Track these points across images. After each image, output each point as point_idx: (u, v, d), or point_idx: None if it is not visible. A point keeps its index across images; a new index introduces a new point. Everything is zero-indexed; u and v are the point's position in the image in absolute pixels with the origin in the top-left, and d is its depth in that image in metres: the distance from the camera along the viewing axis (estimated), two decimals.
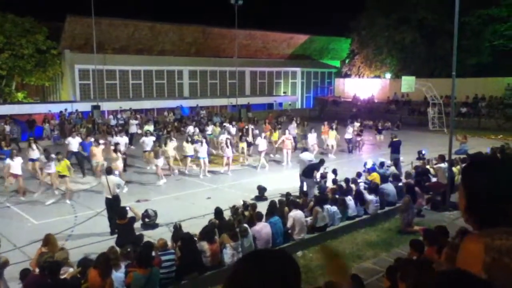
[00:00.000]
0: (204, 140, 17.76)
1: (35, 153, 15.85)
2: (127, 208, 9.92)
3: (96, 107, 29.21)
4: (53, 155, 14.29)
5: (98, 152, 15.81)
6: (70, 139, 17.60)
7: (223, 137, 18.69)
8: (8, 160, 14.02)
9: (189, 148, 17.29)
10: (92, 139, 17.38)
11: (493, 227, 1.71)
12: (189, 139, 17.83)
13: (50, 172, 14.11)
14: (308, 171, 13.45)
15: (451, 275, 1.46)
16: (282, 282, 1.36)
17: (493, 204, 1.72)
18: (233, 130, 22.36)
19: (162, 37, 36.04)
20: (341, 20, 42.47)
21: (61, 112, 28.10)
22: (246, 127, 21.65)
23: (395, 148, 16.94)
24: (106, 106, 31.16)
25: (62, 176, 13.59)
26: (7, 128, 24.38)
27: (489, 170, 1.79)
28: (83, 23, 30.75)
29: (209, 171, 17.21)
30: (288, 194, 12.11)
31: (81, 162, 16.77)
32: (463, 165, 13.33)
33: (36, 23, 31.79)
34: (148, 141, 17.83)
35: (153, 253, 7.93)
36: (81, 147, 17.13)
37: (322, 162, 14.43)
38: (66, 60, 32.73)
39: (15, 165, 13.81)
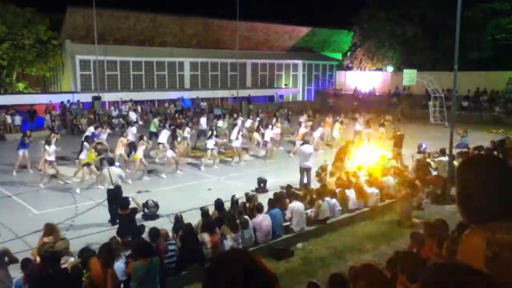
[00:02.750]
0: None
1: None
2: (130, 199, 9.95)
3: (97, 98, 29.18)
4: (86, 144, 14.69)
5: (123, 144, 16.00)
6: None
7: (235, 130, 18.74)
8: (46, 147, 14.37)
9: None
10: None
11: (482, 222, 1.74)
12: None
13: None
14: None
15: (450, 268, 1.48)
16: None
17: (482, 201, 1.76)
18: (248, 122, 22.25)
19: (163, 28, 35.90)
20: (344, 13, 42.29)
21: (62, 102, 28.08)
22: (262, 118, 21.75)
23: (398, 141, 16.97)
24: (107, 97, 31.11)
25: (88, 165, 13.78)
26: (9, 118, 24.46)
27: (479, 168, 1.82)
28: (84, 13, 30.63)
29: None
30: (289, 187, 12.11)
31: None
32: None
33: (37, 13, 31.68)
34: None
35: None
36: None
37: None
38: (67, 51, 32.64)
39: (51, 151, 14.30)
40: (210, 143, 16.82)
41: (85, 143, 14.82)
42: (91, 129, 17.89)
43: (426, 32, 38.38)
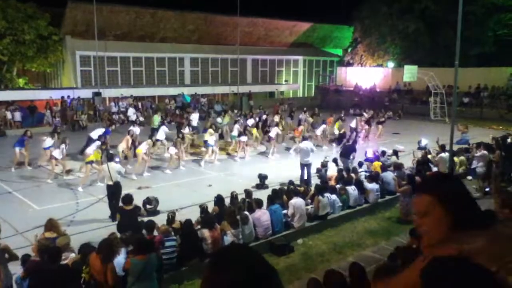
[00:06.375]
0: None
1: (48, 141, 15.80)
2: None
3: (97, 94, 29.13)
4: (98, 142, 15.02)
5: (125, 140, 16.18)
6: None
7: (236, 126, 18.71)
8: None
9: (208, 136, 17.01)
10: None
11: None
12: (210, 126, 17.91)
13: None
14: (345, 153, 14.71)
15: (452, 262, 1.47)
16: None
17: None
18: (250, 121, 21.50)
19: (164, 24, 35.81)
20: (344, 8, 42.19)
21: (62, 97, 28.05)
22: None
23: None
24: (107, 92, 31.06)
25: (91, 163, 13.71)
26: (9, 114, 24.45)
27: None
28: (85, 9, 30.56)
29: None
30: (290, 183, 12.10)
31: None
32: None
33: (38, 8, 31.59)
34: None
35: (155, 232, 8.01)
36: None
37: (355, 143, 15.69)
38: (68, 47, 32.57)
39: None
40: (211, 140, 16.79)
41: (98, 142, 15.15)
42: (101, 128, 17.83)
43: (427, 27, 38.25)
